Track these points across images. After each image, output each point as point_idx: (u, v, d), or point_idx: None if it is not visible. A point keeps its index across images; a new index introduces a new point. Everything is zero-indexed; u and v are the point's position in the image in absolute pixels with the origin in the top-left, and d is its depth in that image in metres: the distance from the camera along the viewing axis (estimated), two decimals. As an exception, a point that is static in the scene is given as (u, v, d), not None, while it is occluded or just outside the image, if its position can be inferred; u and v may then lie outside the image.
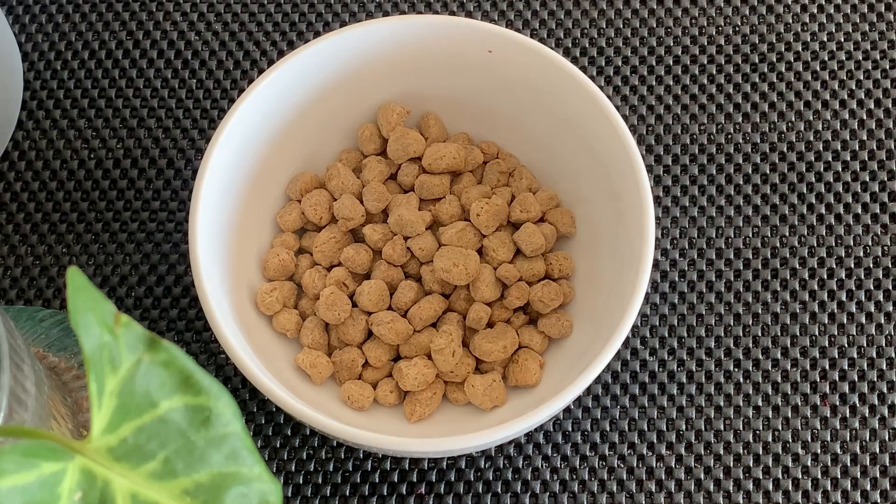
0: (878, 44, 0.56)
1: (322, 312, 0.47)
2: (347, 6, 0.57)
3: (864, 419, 0.49)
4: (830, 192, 0.53)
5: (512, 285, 0.48)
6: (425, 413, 0.47)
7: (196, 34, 0.56)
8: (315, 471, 0.49)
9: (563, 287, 0.48)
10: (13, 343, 0.36)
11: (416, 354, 0.48)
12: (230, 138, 0.47)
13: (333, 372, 0.48)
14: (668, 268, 0.52)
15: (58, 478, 0.29)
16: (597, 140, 0.48)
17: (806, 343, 0.51)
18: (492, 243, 0.48)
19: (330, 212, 0.49)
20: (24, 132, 0.55)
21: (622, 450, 0.49)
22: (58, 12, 0.57)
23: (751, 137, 0.54)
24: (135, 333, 0.30)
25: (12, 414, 0.35)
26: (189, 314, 0.51)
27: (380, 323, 0.47)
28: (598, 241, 0.49)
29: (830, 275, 0.52)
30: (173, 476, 0.30)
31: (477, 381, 0.47)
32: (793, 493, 0.48)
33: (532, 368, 0.47)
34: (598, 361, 0.43)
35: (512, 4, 0.57)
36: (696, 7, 0.56)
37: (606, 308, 0.46)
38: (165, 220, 0.53)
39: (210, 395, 0.30)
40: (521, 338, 0.48)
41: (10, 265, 0.52)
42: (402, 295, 0.48)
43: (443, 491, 0.49)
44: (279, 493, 0.31)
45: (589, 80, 0.47)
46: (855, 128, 0.54)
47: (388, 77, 0.50)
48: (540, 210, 0.49)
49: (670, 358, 0.50)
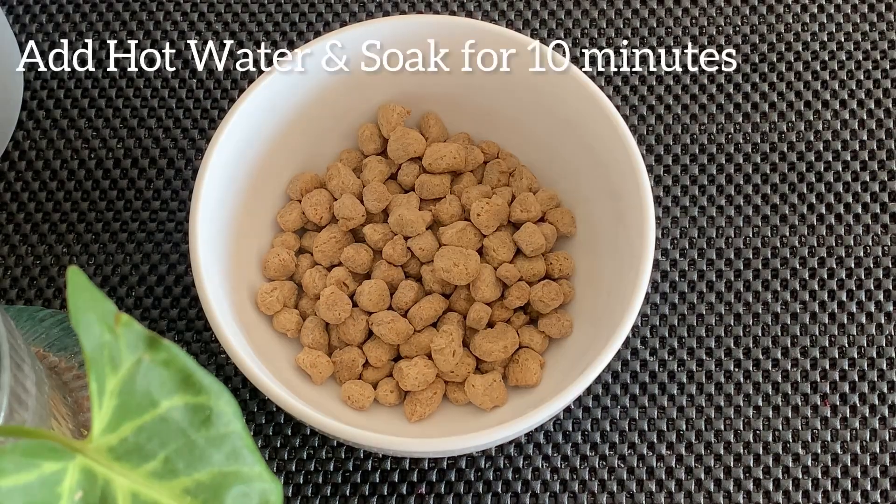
0: (878, 44, 0.56)
1: (322, 312, 0.47)
2: (347, 6, 0.57)
3: (865, 419, 0.49)
4: (831, 192, 0.53)
5: (512, 285, 0.48)
6: (426, 413, 0.47)
7: (196, 34, 0.56)
8: (315, 470, 0.49)
9: (564, 287, 0.48)
10: (13, 342, 0.36)
11: (417, 354, 0.48)
12: (230, 138, 0.47)
13: (334, 372, 0.48)
14: (668, 267, 0.52)
15: (58, 477, 0.29)
16: (597, 140, 0.48)
17: (806, 343, 0.51)
18: (492, 243, 0.48)
19: (330, 212, 0.49)
20: (25, 132, 0.55)
21: (623, 450, 0.49)
22: (58, 12, 0.57)
23: (751, 137, 0.54)
24: (135, 333, 0.30)
25: (13, 413, 0.35)
26: (189, 314, 0.51)
27: (380, 323, 0.47)
28: (598, 241, 0.49)
29: (831, 275, 0.52)
30: (174, 475, 0.30)
31: (477, 381, 0.47)
32: (793, 493, 0.48)
33: (532, 368, 0.47)
34: (598, 361, 0.43)
35: (512, 4, 0.57)
36: (697, 7, 0.56)
37: (607, 308, 0.46)
38: (166, 219, 0.53)
39: (210, 395, 0.30)
40: (522, 338, 0.48)
41: (10, 265, 0.52)
42: (403, 295, 0.48)
43: (443, 491, 0.49)
44: (280, 493, 0.31)
45: (589, 80, 0.47)
46: (855, 128, 0.54)
47: (388, 77, 0.50)
48: (540, 210, 0.49)
49: (671, 358, 0.50)
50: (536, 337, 0.48)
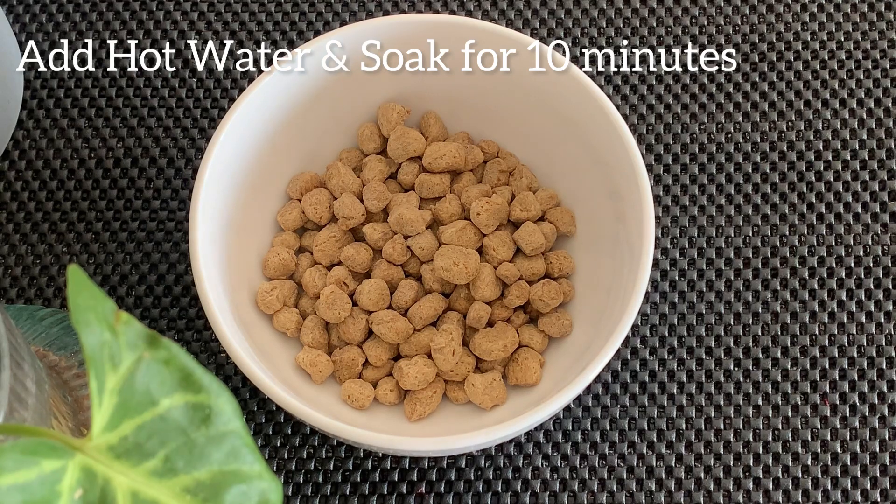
0: (878, 43, 0.56)
1: (322, 311, 0.47)
2: (347, 6, 0.57)
3: (864, 418, 0.49)
4: (830, 190, 0.53)
5: (512, 284, 0.48)
6: (425, 412, 0.47)
7: (196, 34, 0.56)
8: (315, 469, 0.49)
9: (563, 286, 0.48)
10: (13, 341, 0.36)
11: (417, 353, 0.48)
12: (230, 138, 0.47)
13: (333, 371, 0.48)
14: (668, 267, 0.52)
15: (58, 476, 0.29)
16: (597, 139, 0.48)
17: (806, 342, 0.51)
18: (492, 242, 0.48)
19: (330, 211, 0.49)
20: (25, 131, 0.55)
21: (622, 449, 0.49)
22: (58, 12, 0.57)
23: (751, 136, 0.54)
24: (135, 331, 0.30)
25: (13, 412, 0.35)
26: (189, 313, 0.51)
27: (380, 322, 0.47)
28: (598, 240, 0.49)
29: (830, 273, 0.52)
30: (174, 474, 0.30)
31: (477, 380, 0.47)
32: (793, 493, 0.48)
33: (532, 367, 0.47)
34: (598, 360, 0.43)
35: (512, 4, 0.57)
36: (697, 6, 0.56)
37: (606, 307, 0.46)
38: (166, 219, 0.53)
39: (210, 393, 0.30)
40: (522, 337, 0.48)
41: (10, 264, 0.52)
42: (403, 294, 0.48)
43: (443, 490, 0.49)
44: (279, 492, 0.31)
45: (589, 80, 0.47)
46: (855, 127, 0.54)
47: (388, 77, 0.50)
48: (540, 209, 0.49)
49: (670, 357, 0.50)
50: (536, 336, 0.48)
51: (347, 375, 0.48)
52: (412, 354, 0.48)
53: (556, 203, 0.50)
